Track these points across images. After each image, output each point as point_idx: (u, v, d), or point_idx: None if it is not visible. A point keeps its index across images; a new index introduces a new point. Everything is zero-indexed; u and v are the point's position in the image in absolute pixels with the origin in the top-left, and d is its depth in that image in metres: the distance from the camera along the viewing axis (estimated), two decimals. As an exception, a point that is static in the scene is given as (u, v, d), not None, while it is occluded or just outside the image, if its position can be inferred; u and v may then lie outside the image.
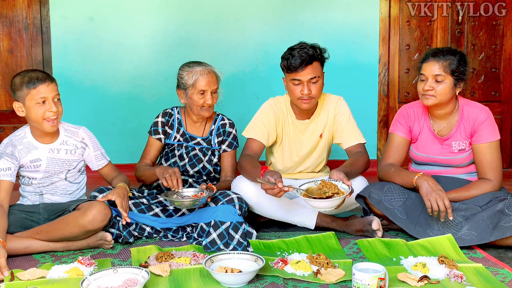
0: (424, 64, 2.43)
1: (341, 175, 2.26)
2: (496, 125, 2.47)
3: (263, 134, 2.62)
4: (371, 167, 2.71)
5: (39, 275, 1.99)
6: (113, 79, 3.97)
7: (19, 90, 2.27)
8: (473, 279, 1.95)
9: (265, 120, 2.65)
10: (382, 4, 3.97)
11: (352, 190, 2.22)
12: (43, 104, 2.27)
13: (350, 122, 2.66)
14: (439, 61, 2.38)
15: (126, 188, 2.40)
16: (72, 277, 1.97)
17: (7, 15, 3.88)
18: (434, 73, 2.38)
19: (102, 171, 2.55)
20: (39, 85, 2.25)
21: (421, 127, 2.56)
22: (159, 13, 3.94)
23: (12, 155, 2.32)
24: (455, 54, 2.41)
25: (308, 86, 2.50)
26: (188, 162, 2.74)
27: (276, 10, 3.98)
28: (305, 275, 1.97)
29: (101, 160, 2.52)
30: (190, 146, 2.75)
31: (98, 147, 2.52)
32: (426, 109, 2.54)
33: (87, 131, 2.51)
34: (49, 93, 2.27)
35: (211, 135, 2.76)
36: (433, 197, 2.27)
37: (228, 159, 2.77)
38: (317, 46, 2.53)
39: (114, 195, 2.30)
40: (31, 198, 2.42)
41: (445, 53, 2.40)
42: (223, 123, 2.78)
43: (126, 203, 2.34)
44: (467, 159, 2.48)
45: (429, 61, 2.41)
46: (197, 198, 2.36)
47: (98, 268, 2.06)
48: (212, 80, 2.64)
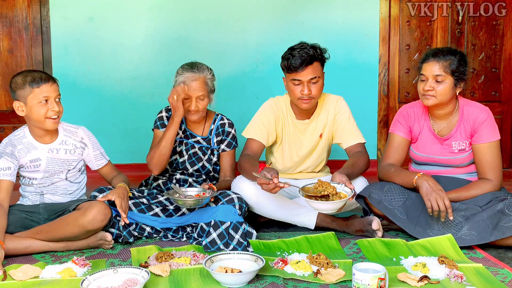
0: (424, 65, 2.43)
1: (343, 178, 2.25)
2: (496, 125, 2.47)
3: (262, 134, 2.62)
4: (371, 167, 2.71)
5: (32, 274, 1.98)
6: (113, 79, 3.97)
7: (20, 89, 2.27)
8: (473, 279, 1.95)
9: (265, 120, 2.65)
10: (382, 4, 3.97)
11: (355, 193, 2.21)
12: (45, 103, 2.27)
13: (350, 122, 2.66)
14: (439, 61, 2.38)
15: (126, 189, 2.39)
16: (65, 278, 1.97)
17: (7, 15, 3.88)
18: (434, 73, 2.38)
19: (102, 170, 2.55)
20: (42, 84, 2.27)
21: (421, 127, 2.55)
22: (159, 13, 3.95)
23: (12, 154, 2.32)
24: (455, 54, 2.40)
25: (308, 86, 2.50)
26: (188, 159, 2.74)
27: (276, 10, 3.98)
28: (305, 275, 1.97)
29: (100, 159, 2.52)
30: (190, 143, 2.75)
31: (97, 147, 2.52)
32: (426, 109, 2.54)
33: (86, 131, 2.51)
34: (52, 93, 2.29)
35: (210, 135, 2.76)
36: (433, 197, 2.27)
37: (227, 158, 2.77)
38: (317, 46, 2.52)
39: (114, 195, 2.29)
40: (32, 198, 2.42)
41: (445, 53, 2.40)
42: (222, 123, 2.78)
43: (126, 204, 2.33)
44: (467, 159, 2.48)
45: (429, 61, 2.41)
46: (200, 198, 2.35)
47: (92, 269, 2.06)
48: (197, 85, 2.59)
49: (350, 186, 2.21)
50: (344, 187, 2.23)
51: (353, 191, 2.20)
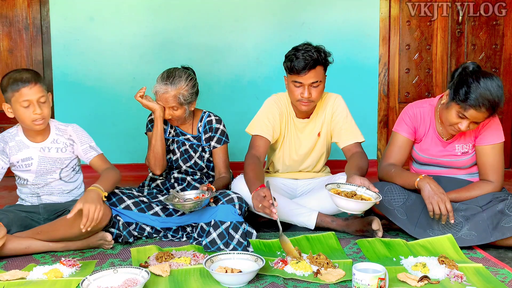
0: (471, 111, 2.21)
1: (365, 181, 2.22)
2: (501, 127, 2.44)
3: (268, 130, 2.59)
4: (371, 167, 2.71)
5: (19, 277, 1.98)
6: (113, 79, 3.98)
7: (5, 92, 2.24)
8: (473, 279, 1.95)
9: (270, 116, 2.61)
10: (382, 4, 3.97)
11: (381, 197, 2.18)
12: (27, 107, 2.23)
13: (347, 120, 2.63)
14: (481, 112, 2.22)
15: (97, 192, 2.18)
16: (50, 278, 1.96)
17: (7, 15, 3.88)
18: (475, 120, 2.27)
19: (92, 163, 2.44)
20: (21, 88, 2.20)
21: (427, 129, 2.51)
22: (159, 13, 3.95)
23: (3, 151, 2.32)
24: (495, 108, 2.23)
25: (309, 89, 2.47)
26: (180, 157, 2.75)
27: (276, 10, 3.98)
28: (305, 275, 1.97)
29: (89, 152, 2.43)
30: (181, 140, 2.76)
31: (85, 141, 2.43)
32: (434, 111, 2.50)
33: (76, 128, 2.45)
34: (32, 96, 2.21)
35: (199, 133, 2.77)
36: (435, 200, 2.26)
37: (220, 155, 2.76)
38: (322, 49, 2.47)
39: (82, 202, 2.11)
40: (29, 200, 2.42)
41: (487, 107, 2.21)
42: (209, 120, 2.77)
43: (98, 210, 2.11)
44: (469, 161, 2.47)
45: (475, 109, 2.21)
46: (199, 200, 2.35)
47: (81, 270, 2.05)
48: (167, 98, 2.58)
49: (374, 190, 2.19)
50: (365, 190, 2.20)
51: (378, 194, 2.17)
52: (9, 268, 2.09)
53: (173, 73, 2.61)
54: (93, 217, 2.09)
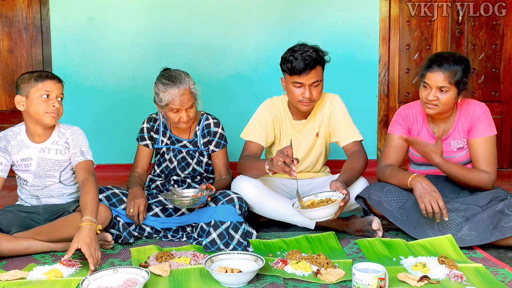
0: (429, 73, 2.37)
1: (338, 184, 2.27)
2: (492, 120, 2.46)
3: (261, 136, 2.62)
4: (371, 167, 2.71)
5: (19, 277, 1.98)
6: (113, 79, 3.97)
7: (25, 83, 2.28)
8: (473, 279, 1.95)
9: (263, 122, 2.64)
10: (382, 4, 3.97)
11: (346, 198, 2.21)
12: (46, 98, 2.27)
13: (346, 119, 2.64)
14: (445, 72, 2.32)
15: (91, 228, 2.03)
16: (50, 278, 1.97)
17: (7, 15, 3.88)
18: (439, 84, 2.34)
19: (76, 168, 2.34)
20: (47, 80, 2.29)
21: (419, 129, 2.55)
22: (159, 13, 3.95)
23: (5, 149, 2.32)
24: (460, 64, 2.35)
25: (309, 89, 2.49)
26: (178, 165, 2.73)
27: (276, 10, 3.98)
28: (305, 275, 1.97)
29: (78, 157, 2.34)
30: (177, 148, 2.73)
31: (77, 145, 2.38)
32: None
33: (76, 131, 2.42)
34: (55, 90, 2.30)
35: (196, 137, 2.75)
36: (426, 199, 2.26)
37: (219, 158, 2.75)
38: (318, 48, 2.50)
39: (80, 243, 1.97)
40: (29, 201, 2.42)
41: (450, 62, 2.34)
42: (207, 123, 2.75)
43: (96, 248, 2.00)
44: (466, 157, 2.48)
45: (433, 70, 2.35)
46: (197, 197, 2.35)
47: (81, 270, 2.05)
48: (185, 99, 2.53)
49: (343, 192, 2.22)
50: (338, 193, 2.24)
51: (344, 195, 2.21)
52: (9, 268, 2.10)
53: (173, 74, 2.59)
54: (92, 256, 1.96)
